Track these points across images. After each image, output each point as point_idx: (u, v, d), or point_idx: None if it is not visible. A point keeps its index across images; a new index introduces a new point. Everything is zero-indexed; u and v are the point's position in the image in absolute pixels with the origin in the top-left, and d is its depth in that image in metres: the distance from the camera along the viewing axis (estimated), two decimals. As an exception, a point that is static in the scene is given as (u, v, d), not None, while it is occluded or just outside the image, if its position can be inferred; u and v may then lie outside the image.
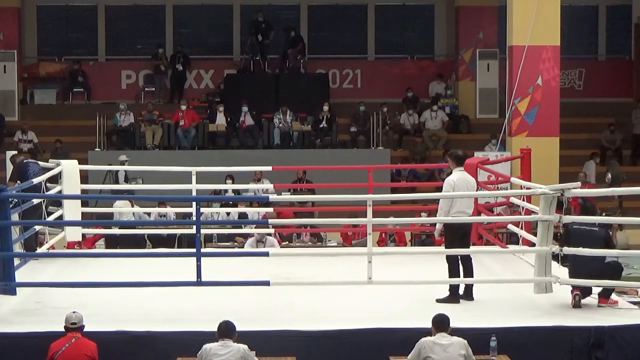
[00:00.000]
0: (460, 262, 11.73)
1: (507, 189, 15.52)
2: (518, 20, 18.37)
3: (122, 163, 20.55)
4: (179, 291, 11.54)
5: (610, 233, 12.45)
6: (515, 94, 18.43)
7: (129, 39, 28.57)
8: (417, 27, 28.92)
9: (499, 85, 25.79)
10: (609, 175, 20.80)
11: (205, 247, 16.67)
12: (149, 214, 18.44)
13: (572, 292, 11.39)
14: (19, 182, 13.68)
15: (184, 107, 24.90)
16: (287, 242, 18.10)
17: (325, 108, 25.19)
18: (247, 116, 25.04)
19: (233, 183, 19.90)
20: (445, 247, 11.89)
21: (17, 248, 12.66)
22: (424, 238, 18.69)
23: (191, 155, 23.84)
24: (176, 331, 10.32)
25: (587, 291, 11.43)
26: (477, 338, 9.77)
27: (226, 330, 9.39)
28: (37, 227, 13.28)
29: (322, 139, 24.96)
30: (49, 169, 14.25)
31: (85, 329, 9.71)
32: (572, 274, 11.33)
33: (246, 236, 17.39)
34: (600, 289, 11.46)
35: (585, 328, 10.51)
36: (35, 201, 13.21)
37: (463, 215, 11.69)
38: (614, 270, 11.35)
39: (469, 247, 12.05)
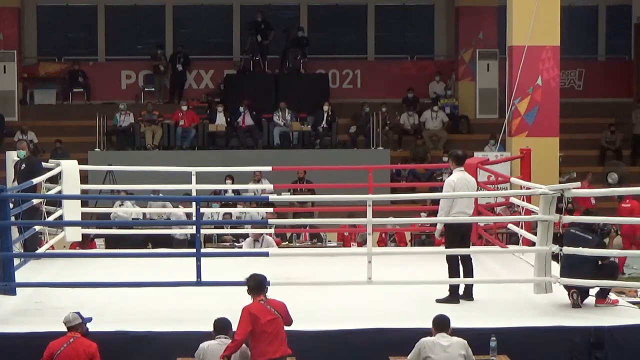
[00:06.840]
0: (460, 262, 11.73)
1: (507, 189, 15.51)
2: (518, 20, 18.35)
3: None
4: (179, 291, 11.54)
5: (607, 242, 12.34)
6: (515, 94, 18.41)
7: (129, 39, 28.56)
8: (417, 27, 28.91)
9: (499, 86, 25.78)
10: (615, 175, 20.72)
11: (205, 247, 16.66)
12: (168, 215, 18.41)
13: (569, 292, 11.39)
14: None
15: (184, 108, 24.89)
16: (286, 243, 18.09)
17: (325, 108, 25.19)
18: (247, 116, 25.02)
19: (233, 183, 19.88)
20: (445, 247, 11.90)
21: (17, 248, 12.65)
22: (424, 238, 18.69)
23: (191, 156, 23.83)
24: (176, 331, 10.33)
25: (584, 292, 11.42)
26: (477, 338, 9.79)
27: (224, 327, 9.58)
28: (37, 227, 13.26)
29: (322, 139, 24.95)
30: (49, 169, 14.24)
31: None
32: (563, 276, 11.32)
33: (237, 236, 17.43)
34: (596, 289, 11.46)
35: (585, 328, 10.52)
36: (36, 201, 13.21)
37: (463, 215, 11.69)
38: (610, 271, 11.34)
39: (469, 247, 12.05)
